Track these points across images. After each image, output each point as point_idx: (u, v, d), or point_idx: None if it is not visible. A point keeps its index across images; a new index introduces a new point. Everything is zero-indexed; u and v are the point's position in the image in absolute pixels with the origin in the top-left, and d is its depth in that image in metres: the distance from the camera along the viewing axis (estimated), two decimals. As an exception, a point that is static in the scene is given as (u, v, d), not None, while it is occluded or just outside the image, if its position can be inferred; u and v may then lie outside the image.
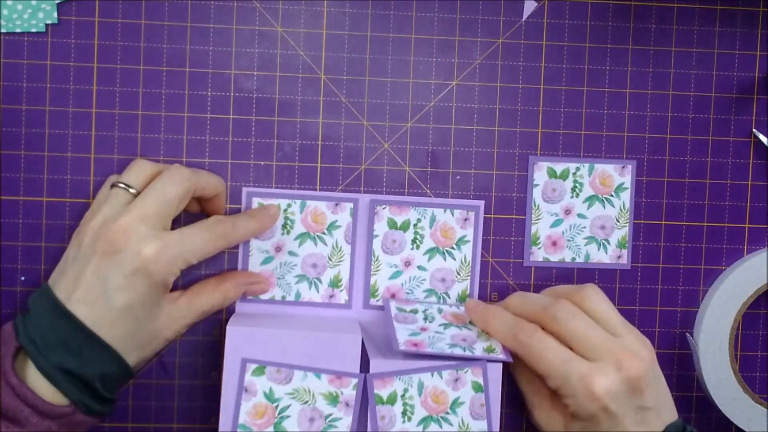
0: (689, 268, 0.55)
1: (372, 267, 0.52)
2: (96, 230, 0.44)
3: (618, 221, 0.54)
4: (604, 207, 0.54)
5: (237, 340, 0.47)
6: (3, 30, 0.50)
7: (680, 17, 0.54)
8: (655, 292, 0.55)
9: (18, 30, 0.50)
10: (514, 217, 0.54)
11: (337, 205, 0.52)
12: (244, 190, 0.52)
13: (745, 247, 0.55)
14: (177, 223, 0.48)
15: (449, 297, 0.53)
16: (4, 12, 0.50)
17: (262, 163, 0.52)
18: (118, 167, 0.51)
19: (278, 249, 0.52)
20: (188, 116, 0.52)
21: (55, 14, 0.50)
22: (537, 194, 0.53)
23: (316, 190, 0.52)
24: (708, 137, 0.55)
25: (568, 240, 0.53)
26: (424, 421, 0.47)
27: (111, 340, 0.44)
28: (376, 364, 0.47)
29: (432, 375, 0.48)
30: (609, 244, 0.54)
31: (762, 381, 0.56)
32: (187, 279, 0.52)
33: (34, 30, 0.50)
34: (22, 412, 0.41)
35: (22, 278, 0.51)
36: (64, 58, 0.51)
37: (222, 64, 0.52)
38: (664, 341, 0.55)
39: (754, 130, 0.55)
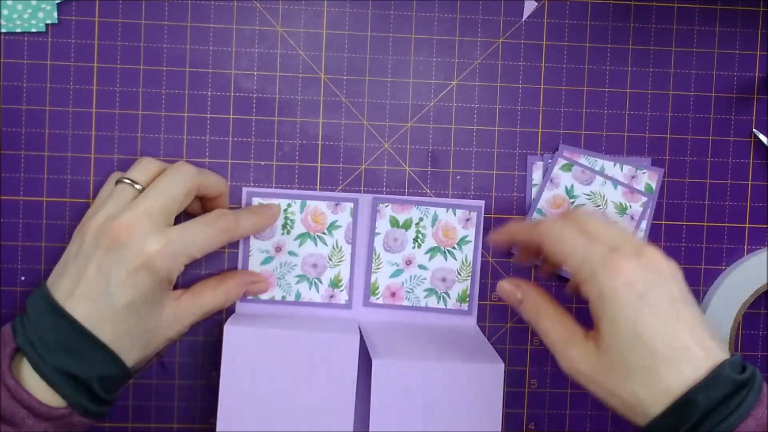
0: (689, 268, 0.55)
1: (373, 265, 0.52)
2: (99, 226, 0.44)
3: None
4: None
5: (234, 340, 0.46)
6: (3, 30, 0.50)
7: (680, 17, 0.54)
8: (656, 292, 0.55)
9: (18, 30, 0.50)
10: (514, 217, 0.54)
11: (337, 205, 0.52)
12: (244, 190, 0.52)
13: (745, 247, 0.55)
14: (178, 222, 0.48)
15: (449, 297, 0.53)
16: (4, 12, 0.50)
17: (262, 163, 0.52)
18: (118, 167, 0.51)
19: (278, 249, 0.52)
20: (188, 116, 0.52)
21: (55, 14, 0.50)
22: (535, 193, 0.54)
23: (316, 190, 0.52)
24: (708, 137, 0.55)
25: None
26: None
27: (112, 339, 0.43)
28: (379, 364, 0.46)
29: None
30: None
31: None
32: (187, 279, 0.52)
33: (34, 30, 0.50)
34: (18, 414, 0.41)
35: (22, 278, 0.51)
36: (64, 58, 0.51)
37: (222, 64, 0.52)
38: (665, 341, 0.55)
39: (754, 130, 0.55)
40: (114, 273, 0.43)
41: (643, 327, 0.39)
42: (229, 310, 0.52)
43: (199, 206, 0.50)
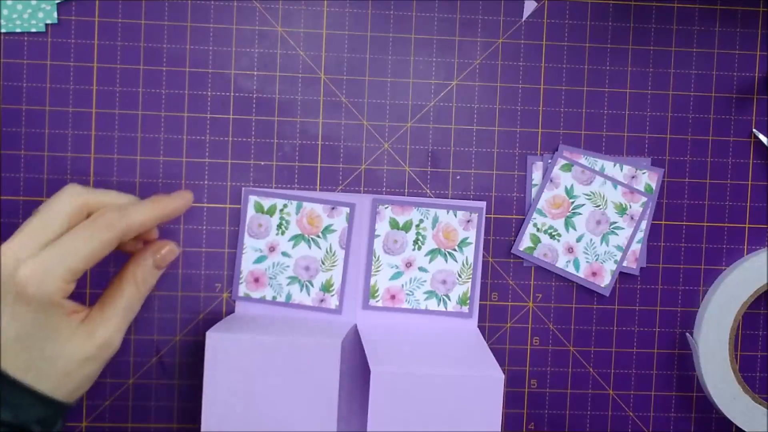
0: (689, 268, 0.55)
1: (372, 267, 0.52)
2: None
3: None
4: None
5: (216, 346, 0.46)
6: (3, 30, 0.50)
7: (680, 17, 0.54)
8: (655, 293, 0.55)
9: (18, 30, 0.50)
10: (514, 217, 0.54)
11: (333, 209, 0.52)
12: (244, 190, 0.52)
13: (745, 247, 0.55)
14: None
15: (450, 299, 0.53)
16: (4, 12, 0.50)
17: (262, 163, 0.52)
18: (118, 167, 0.51)
19: (272, 249, 0.52)
20: (188, 116, 0.52)
21: (55, 14, 0.50)
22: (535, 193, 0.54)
23: (316, 190, 0.52)
24: (708, 137, 0.55)
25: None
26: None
27: (17, 372, 0.41)
28: (377, 372, 0.46)
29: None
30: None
31: (762, 381, 0.56)
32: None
33: (34, 30, 0.50)
34: None
35: (22, 278, 0.51)
36: (64, 58, 0.51)
37: (222, 64, 0.52)
38: (664, 341, 0.55)
39: (754, 130, 0.55)
40: (1, 310, 0.41)
41: None
42: (229, 310, 0.52)
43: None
